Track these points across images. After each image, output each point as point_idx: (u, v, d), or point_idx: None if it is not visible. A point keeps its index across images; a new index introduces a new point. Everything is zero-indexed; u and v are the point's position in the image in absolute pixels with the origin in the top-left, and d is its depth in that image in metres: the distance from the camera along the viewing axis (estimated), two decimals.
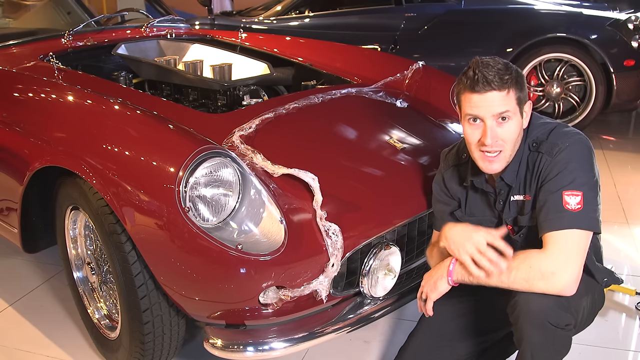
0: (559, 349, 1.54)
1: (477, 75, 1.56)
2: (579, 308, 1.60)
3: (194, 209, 1.63)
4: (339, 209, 1.80)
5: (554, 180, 1.57)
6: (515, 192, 1.67)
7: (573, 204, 1.53)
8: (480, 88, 1.56)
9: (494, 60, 1.59)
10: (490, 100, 1.56)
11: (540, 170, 1.60)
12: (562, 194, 1.54)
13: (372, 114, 2.30)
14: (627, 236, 3.06)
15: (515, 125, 1.60)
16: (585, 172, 1.57)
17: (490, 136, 1.58)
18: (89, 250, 2.16)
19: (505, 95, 1.56)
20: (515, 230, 1.71)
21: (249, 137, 1.94)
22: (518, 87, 1.58)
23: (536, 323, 1.50)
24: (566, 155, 1.57)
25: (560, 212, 1.53)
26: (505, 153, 1.62)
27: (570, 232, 1.52)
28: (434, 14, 4.90)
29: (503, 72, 1.56)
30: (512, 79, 1.57)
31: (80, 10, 3.32)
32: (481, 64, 1.58)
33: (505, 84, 1.56)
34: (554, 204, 1.55)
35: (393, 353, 2.04)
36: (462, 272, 1.62)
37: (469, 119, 1.62)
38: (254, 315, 1.73)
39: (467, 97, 1.60)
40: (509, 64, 1.60)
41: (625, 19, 4.39)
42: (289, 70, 2.91)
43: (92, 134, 1.90)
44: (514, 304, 1.54)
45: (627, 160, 4.28)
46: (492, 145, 1.59)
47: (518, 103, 1.59)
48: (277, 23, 5.26)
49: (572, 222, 1.52)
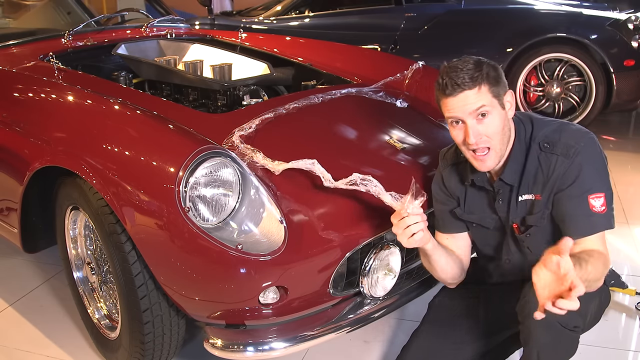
0: (565, 351, 1.55)
1: (445, 80, 1.60)
2: (588, 310, 1.61)
3: (194, 209, 1.63)
4: (339, 209, 1.81)
5: (576, 184, 1.59)
6: (523, 191, 1.67)
7: (598, 206, 1.57)
8: (451, 91, 1.59)
9: (463, 61, 1.60)
10: (463, 100, 1.59)
11: (557, 172, 1.61)
12: (588, 198, 1.58)
13: (372, 114, 2.30)
14: (627, 236, 3.06)
15: (498, 119, 1.61)
16: (603, 173, 1.61)
17: (472, 135, 1.60)
18: (89, 250, 2.16)
19: (477, 91, 1.58)
20: (522, 230, 1.70)
21: (249, 137, 1.94)
22: (490, 81, 1.59)
23: (545, 323, 1.49)
24: (583, 157, 1.59)
25: (590, 216, 1.57)
26: (494, 148, 1.62)
27: (603, 233, 1.59)
28: (434, 14, 4.90)
29: (473, 70, 1.58)
30: (482, 75, 1.58)
31: (80, 10, 3.32)
32: (449, 68, 1.60)
33: (475, 81, 1.58)
34: (581, 209, 1.58)
35: (393, 353, 2.04)
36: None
37: (451, 122, 1.65)
38: (254, 315, 1.73)
39: (444, 102, 1.63)
40: (480, 60, 1.62)
41: (625, 19, 4.39)
42: (289, 70, 2.90)
43: (92, 134, 1.90)
44: (524, 303, 1.54)
45: (627, 160, 4.28)
46: (478, 144, 1.61)
47: (494, 96, 1.60)
48: (277, 23, 5.26)
49: (602, 225, 1.58)
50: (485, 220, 1.77)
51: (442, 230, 1.85)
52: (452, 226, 1.83)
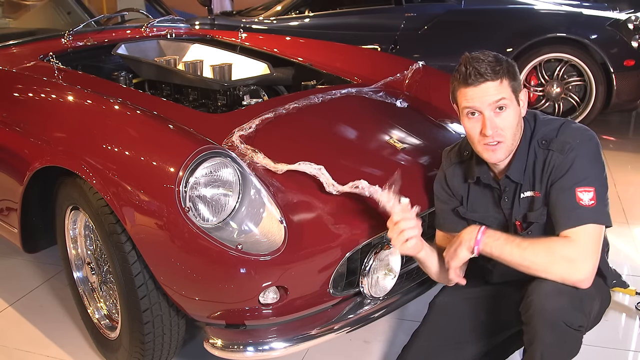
0: (569, 350, 1.54)
1: (468, 69, 1.59)
2: (592, 310, 1.61)
3: (194, 209, 1.63)
4: (339, 209, 1.80)
5: (565, 177, 1.59)
6: (525, 188, 1.68)
7: (586, 200, 1.55)
8: (474, 80, 1.59)
9: (484, 53, 1.62)
10: (485, 90, 1.59)
11: (551, 167, 1.62)
12: (576, 190, 1.56)
13: (372, 114, 2.30)
14: (627, 236, 3.06)
15: (513, 114, 1.62)
16: (595, 168, 1.59)
17: (490, 126, 1.60)
18: (89, 250, 2.16)
19: (499, 84, 1.59)
20: (524, 227, 1.71)
21: (249, 137, 1.94)
22: (510, 76, 1.61)
23: (550, 322, 1.50)
24: (577, 152, 1.59)
25: (576, 209, 1.56)
26: (506, 142, 1.63)
27: (587, 227, 1.55)
28: (434, 14, 4.90)
29: (494, 63, 1.59)
30: (503, 69, 1.59)
31: (80, 10, 3.32)
32: (472, 58, 1.61)
33: (497, 74, 1.58)
34: (568, 201, 1.57)
35: (393, 353, 2.04)
36: (492, 243, 1.61)
37: (467, 113, 1.64)
38: (254, 315, 1.73)
39: (462, 91, 1.62)
40: (499, 55, 1.63)
41: (625, 19, 4.39)
42: (289, 70, 2.90)
43: (92, 134, 1.90)
44: (529, 303, 1.54)
45: (627, 160, 4.28)
46: (493, 136, 1.61)
47: (513, 91, 1.61)
48: (277, 23, 5.26)
49: (588, 218, 1.55)
50: (488, 218, 1.77)
51: (443, 229, 1.86)
52: (453, 225, 1.83)
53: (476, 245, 1.63)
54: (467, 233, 1.66)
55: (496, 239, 1.61)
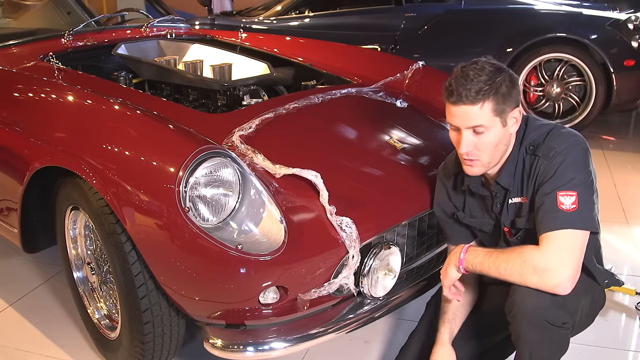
0: (556, 348, 1.55)
1: (452, 86, 1.57)
2: (577, 308, 1.61)
3: (194, 209, 1.63)
4: (338, 208, 1.80)
5: (549, 182, 1.57)
6: (513, 194, 1.67)
7: (568, 204, 1.53)
8: (455, 100, 1.57)
9: (478, 69, 1.55)
10: (463, 113, 1.57)
11: (537, 173, 1.61)
12: (557, 194, 1.54)
13: (372, 114, 2.30)
14: (627, 236, 3.06)
15: (493, 136, 1.59)
16: (580, 173, 1.56)
17: (464, 146, 1.59)
18: (89, 250, 2.16)
19: (478, 109, 1.55)
20: (513, 233, 1.71)
21: (249, 137, 1.94)
22: (498, 98, 1.55)
23: (533, 321, 1.51)
24: (561, 157, 1.57)
25: (555, 213, 1.54)
26: (482, 161, 1.62)
27: (565, 232, 1.52)
28: (434, 14, 4.90)
29: (482, 84, 1.53)
30: (491, 89, 1.53)
31: (80, 10, 3.32)
32: (461, 74, 1.56)
33: (478, 98, 1.54)
34: (549, 205, 1.55)
35: (393, 353, 2.04)
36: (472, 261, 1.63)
37: (450, 125, 1.64)
38: (254, 315, 1.73)
39: (446, 104, 1.62)
40: (498, 70, 1.57)
41: (625, 19, 4.39)
42: (289, 70, 2.91)
43: (92, 134, 1.90)
44: (511, 303, 1.55)
45: (627, 160, 4.27)
46: (468, 154, 1.61)
47: (497, 114, 1.56)
48: (277, 23, 5.26)
49: (566, 222, 1.52)
50: (484, 224, 1.78)
51: (452, 242, 1.87)
52: (460, 236, 1.84)
53: (460, 265, 1.66)
54: (453, 253, 1.69)
55: (476, 256, 1.63)
